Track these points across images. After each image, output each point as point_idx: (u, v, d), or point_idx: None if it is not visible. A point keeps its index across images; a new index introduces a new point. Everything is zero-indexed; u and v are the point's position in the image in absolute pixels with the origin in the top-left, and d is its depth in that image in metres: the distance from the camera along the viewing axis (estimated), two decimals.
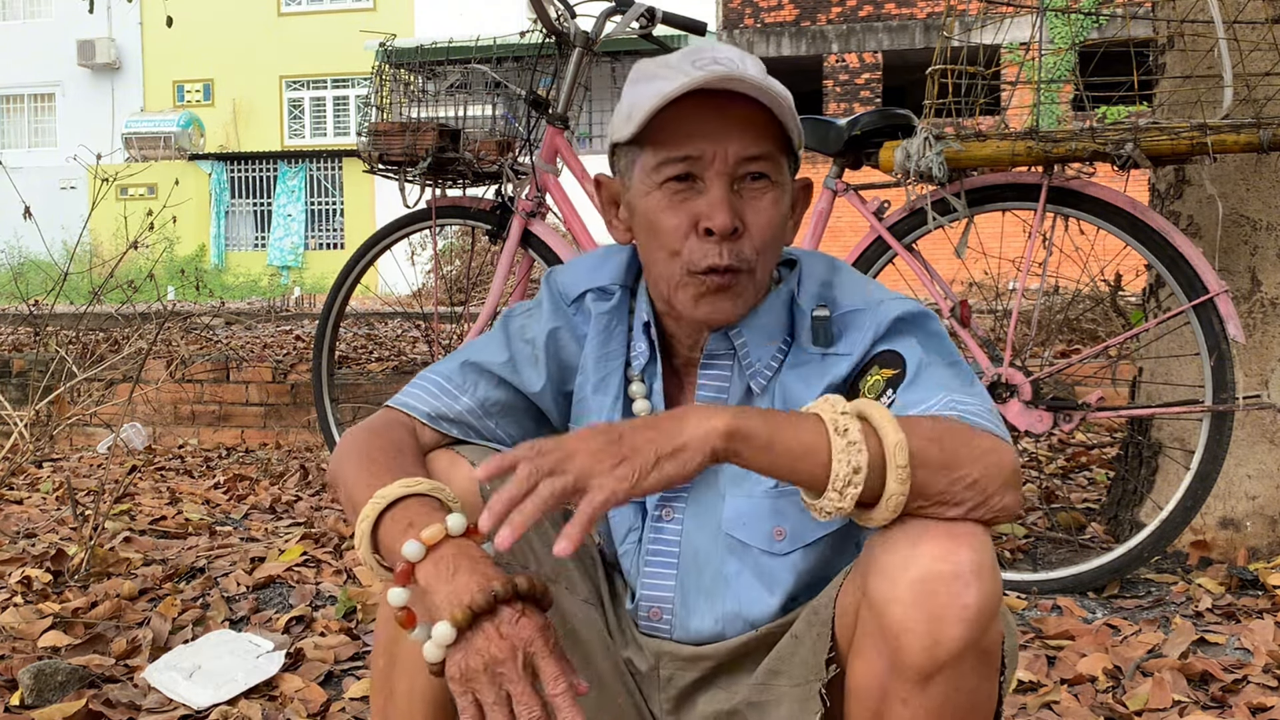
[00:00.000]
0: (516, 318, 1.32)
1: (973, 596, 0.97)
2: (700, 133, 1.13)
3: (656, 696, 1.29)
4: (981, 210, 2.44)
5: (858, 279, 1.23)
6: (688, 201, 1.15)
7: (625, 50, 5.00)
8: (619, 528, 1.28)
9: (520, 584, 1.00)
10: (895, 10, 17.82)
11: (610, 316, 1.27)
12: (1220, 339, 2.24)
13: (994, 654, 1.03)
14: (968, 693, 1.01)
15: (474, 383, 1.27)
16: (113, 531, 2.87)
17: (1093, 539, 2.67)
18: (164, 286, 8.17)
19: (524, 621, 0.98)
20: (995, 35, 2.58)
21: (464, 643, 0.98)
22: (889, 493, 0.99)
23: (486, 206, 3.09)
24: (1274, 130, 2.13)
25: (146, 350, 3.74)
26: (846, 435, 0.98)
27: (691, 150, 1.13)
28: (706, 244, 1.14)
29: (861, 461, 0.97)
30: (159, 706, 1.91)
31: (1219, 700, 1.85)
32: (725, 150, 1.13)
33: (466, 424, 1.27)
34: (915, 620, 0.98)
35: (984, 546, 1.00)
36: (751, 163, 1.14)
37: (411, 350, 5.92)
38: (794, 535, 1.19)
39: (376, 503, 1.08)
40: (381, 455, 1.16)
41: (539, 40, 3.00)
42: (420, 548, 1.02)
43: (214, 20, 23.29)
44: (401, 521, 1.06)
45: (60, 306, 4.37)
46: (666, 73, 1.14)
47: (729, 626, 1.23)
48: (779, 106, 1.12)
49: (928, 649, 0.98)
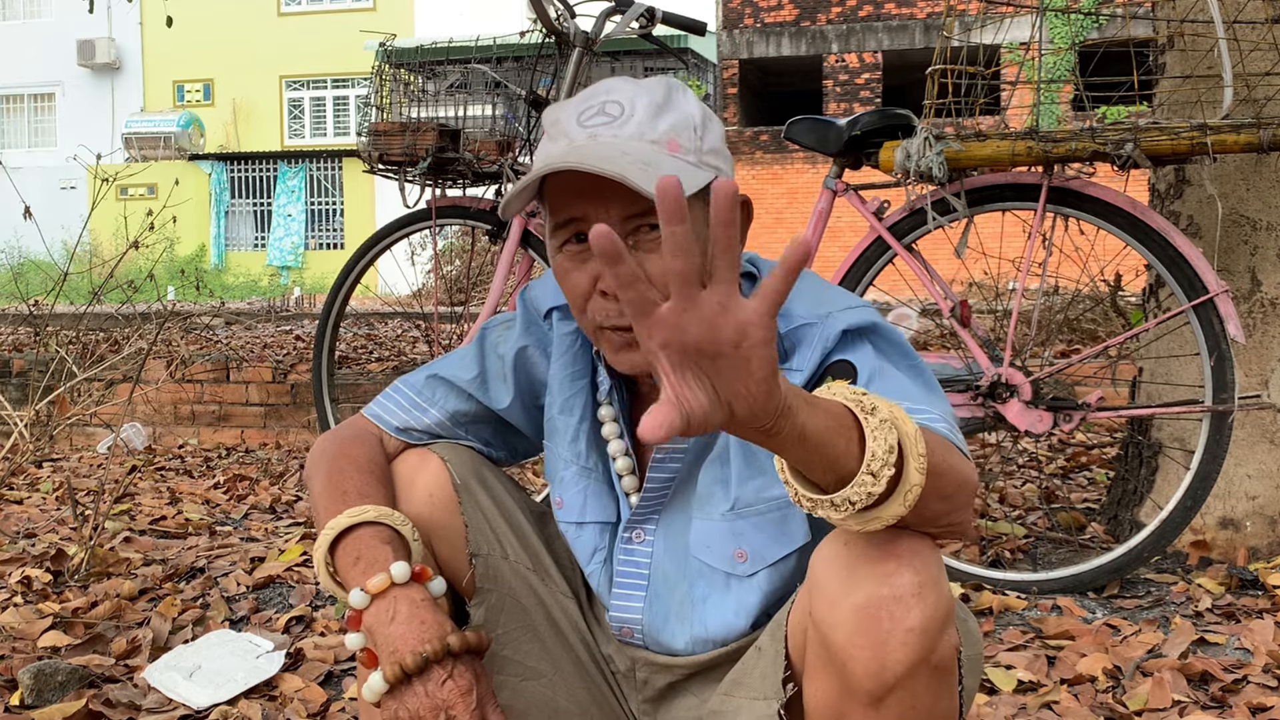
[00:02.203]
0: (493, 330, 1.34)
1: (915, 618, 0.95)
2: (582, 197, 1.12)
3: (634, 696, 1.30)
4: (981, 210, 2.44)
5: (812, 289, 1.19)
6: (588, 262, 1.14)
7: (625, 50, 5.01)
8: (584, 549, 1.28)
9: (453, 644, 1.08)
10: (895, 10, 17.83)
11: (575, 336, 1.28)
12: (1220, 339, 2.24)
13: (948, 669, 1.01)
14: (924, 710, 0.99)
15: (443, 397, 1.31)
16: (113, 531, 2.87)
17: (1093, 539, 2.67)
18: (164, 287, 8.17)
19: (449, 685, 1.07)
20: (995, 35, 2.58)
21: (395, 694, 1.07)
22: (909, 484, 0.90)
23: (486, 206, 3.09)
24: (1274, 130, 2.13)
25: (146, 350, 3.74)
26: (876, 414, 0.89)
27: (576, 213, 1.13)
28: (608, 303, 1.13)
29: (894, 440, 0.88)
30: (159, 706, 1.91)
31: (1219, 700, 1.85)
32: (608, 212, 1.11)
33: (435, 435, 1.31)
34: (859, 646, 0.96)
35: (926, 564, 0.97)
36: (640, 217, 1.12)
37: (411, 350, 5.92)
38: (755, 556, 1.18)
39: (328, 534, 1.14)
40: (339, 475, 1.21)
41: (539, 40, 3.00)
42: (365, 597, 1.10)
43: (214, 20, 23.31)
44: (350, 555, 1.13)
45: (60, 306, 4.37)
46: (555, 132, 1.16)
47: (699, 648, 1.23)
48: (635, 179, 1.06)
49: (874, 674, 0.96)
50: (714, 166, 1.16)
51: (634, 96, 1.15)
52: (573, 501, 1.28)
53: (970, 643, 1.10)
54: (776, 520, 1.18)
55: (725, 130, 1.26)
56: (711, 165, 1.16)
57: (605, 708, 1.29)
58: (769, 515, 1.18)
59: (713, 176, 1.15)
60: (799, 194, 18.06)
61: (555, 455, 1.31)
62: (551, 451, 1.32)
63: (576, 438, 1.27)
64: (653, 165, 1.10)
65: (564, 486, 1.29)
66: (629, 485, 1.25)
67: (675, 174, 1.07)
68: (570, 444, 1.28)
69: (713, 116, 1.20)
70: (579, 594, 1.34)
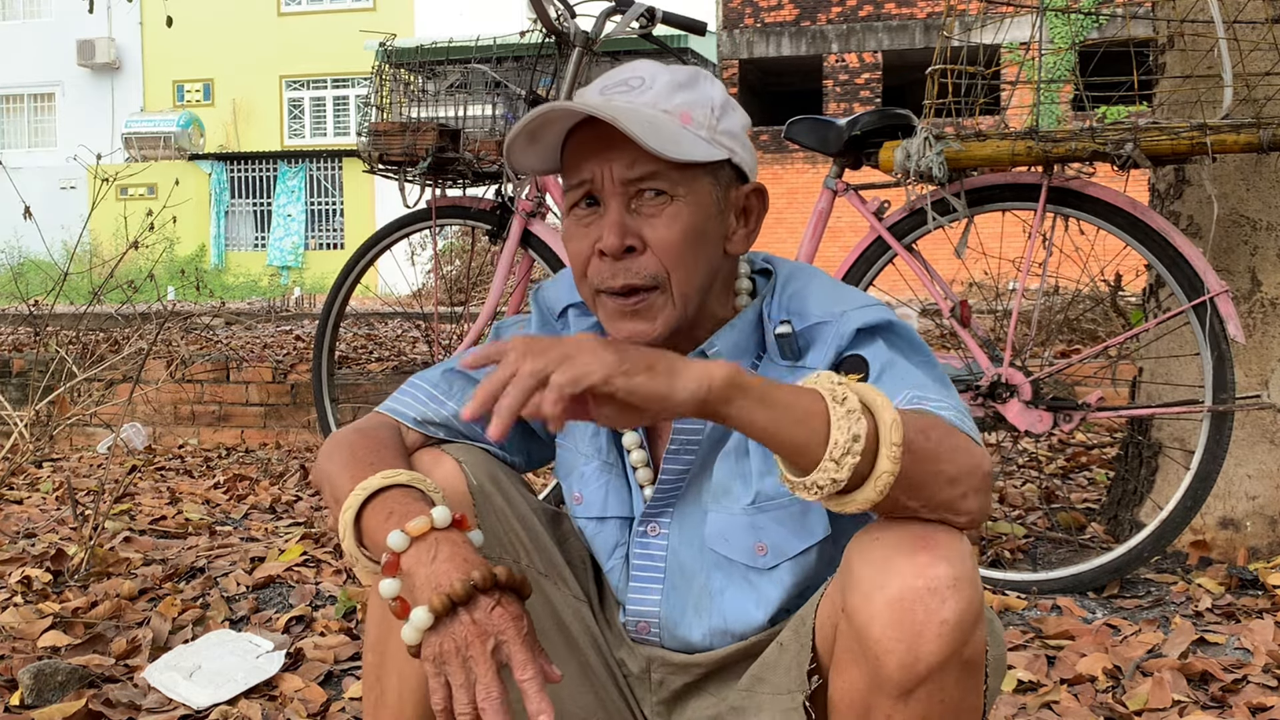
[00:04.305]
0: (508, 329, 1.34)
1: (950, 611, 0.96)
2: (589, 157, 1.14)
3: (648, 698, 1.29)
4: (981, 210, 2.44)
5: (828, 288, 1.21)
6: (591, 226, 1.16)
7: (625, 50, 5.01)
8: (605, 544, 1.28)
9: (499, 574, 1.03)
10: (895, 10, 17.83)
11: (592, 332, 1.27)
12: (1220, 339, 2.24)
13: (977, 665, 1.02)
14: (951, 705, 1.00)
15: (461, 389, 1.29)
16: (113, 531, 2.87)
17: (1093, 539, 2.67)
18: (164, 287, 8.17)
19: (498, 611, 1.02)
20: (995, 35, 2.59)
21: (440, 628, 1.02)
22: (879, 470, 0.95)
23: (486, 206, 3.09)
24: (1274, 130, 2.13)
25: (146, 350, 3.74)
26: (845, 404, 0.95)
27: (583, 175, 1.15)
28: (603, 265, 1.15)
29: (861, 430, 0.94)
30: (159, 706, 1.91)
31: (1219, 700, 1.85)
32: (610, 170, 1.13)
33: (453, 428, 1.29)
34: (893, 638, 0.97)
35: (960, 557, 0.98)
36: (642, 181, 1.13)
37: (411, 350, 5.92)
38: (776, 549, 1.19)
39: (359, 493, 1.11)
40: (364, 451, 1.18)
41: (539, 40, 3.00)
42: (405, 538, 1.05)
43: (214, 20, 23.30)
44: (382, 512, 1.09)
45: (60, 306, 4.37)
46: (577, 101, 1.16)
47: (717, 640, 1.23)
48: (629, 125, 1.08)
49: (907, 665, 0.97)
50: (728, 147, 1.17)
51: (657, 73, 1.17)
52: (593, 497, 1.28)
53: (995, 643, 1.10)
54: (797, 514, 1.18)
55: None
56: (726, 146, 1.17)
57: (613, 711, 1.29)
58: (790, 509, 1.18)
59: (726, 155, 1.17)
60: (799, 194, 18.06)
61: (573, 451, 1.30)
62: (568, 448, 1.31)
63: (597, 432, 1.27)
64: (658, 126, 1.12)
65: (584, 482, 1.29)
66: (643, 478, 1.25)
67: (680, 139, 1.10)
68: (590, 439, 1.28)
69: (737, 107, 1.21)
70: (591, 597, 1.33)
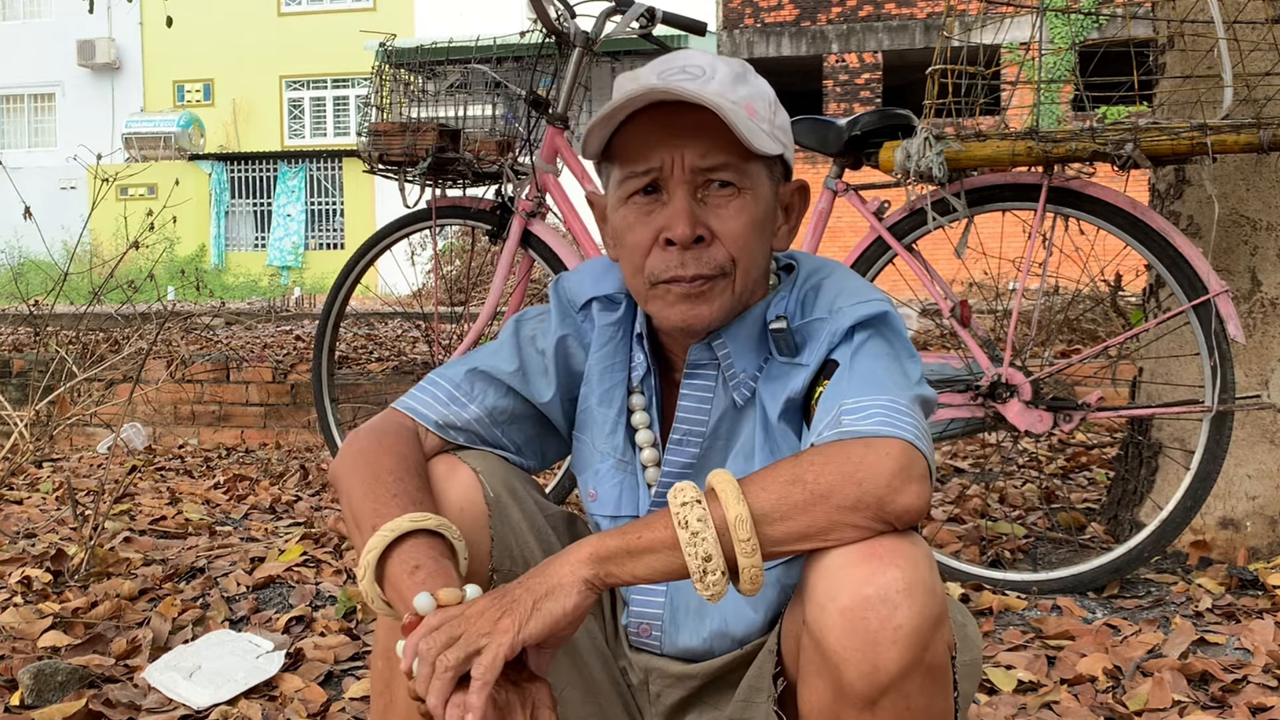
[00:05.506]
0: (528, 323, 1.31)
1: (904, 618, 0.95)
2: (658, 144, 1.13)
3: (649, 710, 1.29)
4: (981, 210, 2.44)
5: (838, 283, 1.20)
6: (652, 214, 1.14)
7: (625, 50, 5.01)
8: None
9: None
10: (895, 10, 17.82)
11: (616, 327, 1.27)
12: (1220, 339, 2.24)
13: (942, 670, 1.01)
14: (918, 712, 0.99)
15: (483, 391, 1.26)
16: (113, 531, 2.87)
17: (1093, 539, 2.67)
18: (164, 287, 8.17)
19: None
20: (995, 35, 2.58)
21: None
22: (741, 568, 0.99)
23: (486, 206, 3.09)
24: (1274, 130, 2.13)
25: (146, 350, 3.74)
26: (688, 527, 0.98)
27: (651, 163, 1.13)
28: (669, 254, 1.14)
29: (709, 549, 0.98)
30: (159, 706, 1.91)
31: (1219, 700, 1.85)
32: (681, 159, 1.12)
33: (473, 432, 1.26)
34: (850, 648, 0.96)
35: (912, 563, 0.97)
36: (712, 171, 1.13)
37: (411, 350, 5.92)
38: None
39: (385, 535, 1.08)
40: (389, 475, 1.15)
41: (539, 40, 3.00)
42: (433, 603, 1.03)
43: (214, 20, 23.28)
44: (409, 563, 1.07)
45: (60, 306, 4.37)
46: (631, 85, 1.15)
47: (717, 644, 1.23)
48: (727, 113, 1.09)
49: (866, 675, 0.96)
50: (783, 143, 1.18)
51: (714, 64, 1.17)
52: (608, 495, 1.27)
53: (967, 648, 1.09)
54: None
55: None
56: (781, 141, 1.18)
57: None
58: None
59: (780, 150, 1.17)
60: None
61: (590, 447, 1.29)
62: (585, 443, 1.30)
63: (615, 430, 1.26)
64: (741, 118, 1.11)
65: (599, 479, 1.28)
66: (651, 476, 1.25)
67: (754, 132, 1.12)
68: (608, 436, 1.27)
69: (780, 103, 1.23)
70: (602, 605, 1.33)
